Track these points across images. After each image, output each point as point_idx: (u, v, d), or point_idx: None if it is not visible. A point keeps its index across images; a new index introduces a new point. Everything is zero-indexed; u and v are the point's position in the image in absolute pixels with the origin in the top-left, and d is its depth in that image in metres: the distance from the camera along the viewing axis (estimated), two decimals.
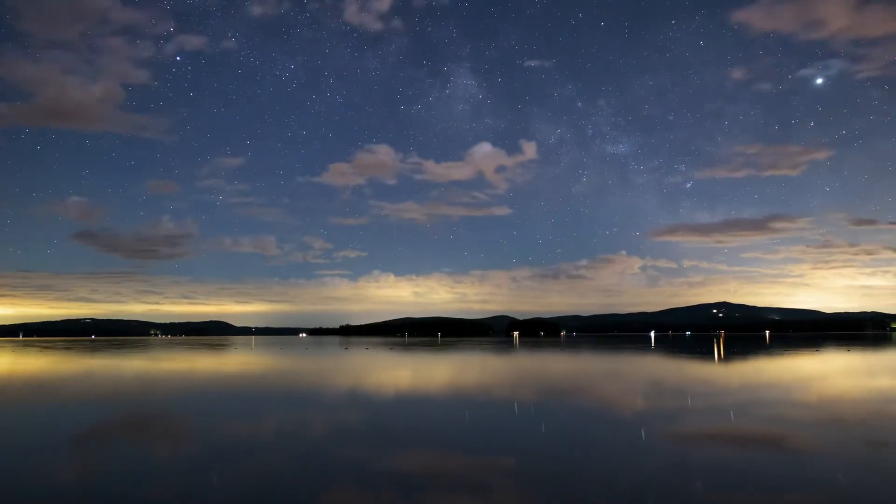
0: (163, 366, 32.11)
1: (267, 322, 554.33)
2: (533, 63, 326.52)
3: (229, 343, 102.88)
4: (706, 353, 43.21)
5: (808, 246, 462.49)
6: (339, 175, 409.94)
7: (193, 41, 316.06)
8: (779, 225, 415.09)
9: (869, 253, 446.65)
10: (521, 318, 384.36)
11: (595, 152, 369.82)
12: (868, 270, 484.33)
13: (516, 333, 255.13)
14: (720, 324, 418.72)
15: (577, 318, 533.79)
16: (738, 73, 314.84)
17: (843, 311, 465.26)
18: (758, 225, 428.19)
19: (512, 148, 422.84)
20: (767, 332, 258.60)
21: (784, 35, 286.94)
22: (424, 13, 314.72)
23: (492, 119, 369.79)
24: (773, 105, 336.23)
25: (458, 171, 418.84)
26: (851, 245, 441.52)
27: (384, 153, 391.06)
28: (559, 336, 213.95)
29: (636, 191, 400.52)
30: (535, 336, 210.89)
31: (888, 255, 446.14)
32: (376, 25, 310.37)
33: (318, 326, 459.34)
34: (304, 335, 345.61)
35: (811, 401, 14.82)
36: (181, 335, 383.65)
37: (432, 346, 71.86)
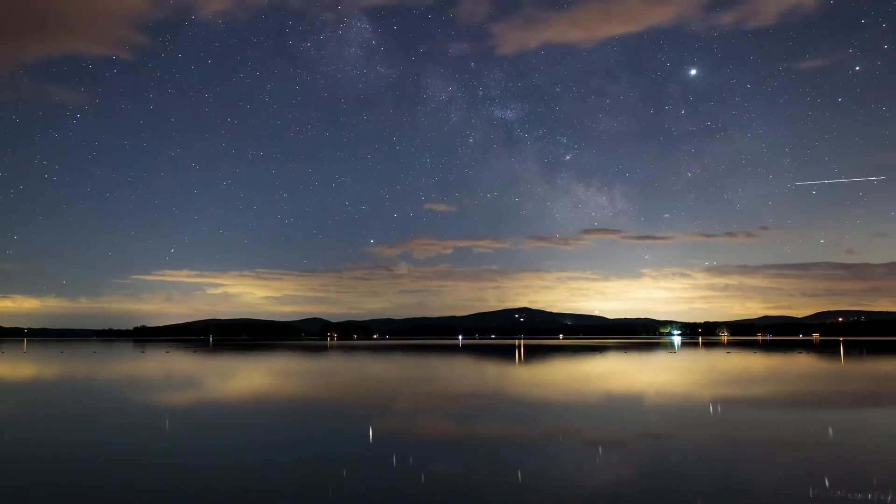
0: None
1: (43, 323, 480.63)
2: (430, 15, 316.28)
3: None
4: (505, 356, 47.16)
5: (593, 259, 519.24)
6: None
7: None
8: (591, 234, 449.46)
9: (650, 263, 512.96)
10: (334, 320, 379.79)
11: (483, 115, 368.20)
12: (643, 281, 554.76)
13: (329, 336, 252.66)
14: (521, 327, 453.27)
15: (390, 321, 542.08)
16: (622, 54, 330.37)
17: (623, 316, 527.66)
18: (565, 234, 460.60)
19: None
20: (561, 335, 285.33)
21: (665, 24, 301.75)
22: None
23: (384, 68, 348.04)
24: (650, 90, 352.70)
25: None
26: (636, 254, 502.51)
27: None
28: (372, 339, 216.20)
29: (518, 157, 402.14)
30: (349, 339, 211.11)
31: (661, 265, 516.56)
32: None
33: (107, 328, 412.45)
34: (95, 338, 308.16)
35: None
36: None
37: (239, 349, 68.91)
